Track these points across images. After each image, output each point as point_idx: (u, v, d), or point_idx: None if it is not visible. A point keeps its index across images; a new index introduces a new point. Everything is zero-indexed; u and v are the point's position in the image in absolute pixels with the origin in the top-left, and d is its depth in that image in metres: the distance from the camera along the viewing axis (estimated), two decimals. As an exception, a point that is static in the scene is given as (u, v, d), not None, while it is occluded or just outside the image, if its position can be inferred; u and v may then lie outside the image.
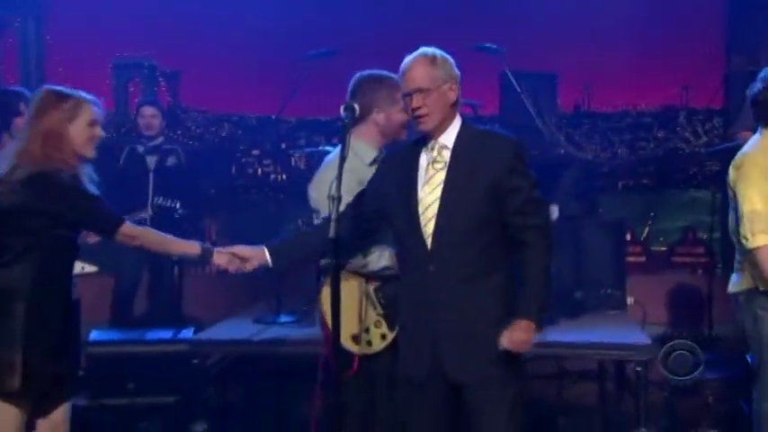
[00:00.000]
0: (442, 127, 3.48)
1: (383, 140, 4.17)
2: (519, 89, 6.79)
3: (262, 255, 3.78)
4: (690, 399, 5.88)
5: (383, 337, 3.97)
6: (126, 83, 8.53)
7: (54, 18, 8.37)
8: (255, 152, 8.74)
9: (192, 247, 4.04)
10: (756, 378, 4.44)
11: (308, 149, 7.73)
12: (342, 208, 3.47)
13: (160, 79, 8.81)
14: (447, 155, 3.47)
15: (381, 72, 4.14)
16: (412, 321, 3.55)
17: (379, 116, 4.10)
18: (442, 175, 3.45)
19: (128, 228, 3.86)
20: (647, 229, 7.57)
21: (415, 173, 3.50)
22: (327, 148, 6.48)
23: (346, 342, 3.88)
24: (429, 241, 3.42)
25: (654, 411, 5.86)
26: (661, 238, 7.72)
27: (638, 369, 5.56)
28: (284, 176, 8.27)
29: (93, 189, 3.79)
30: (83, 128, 3.72)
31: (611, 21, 8.12)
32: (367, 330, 3.94)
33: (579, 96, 8.92)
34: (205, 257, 4.08)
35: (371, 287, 3.93)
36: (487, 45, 6.70)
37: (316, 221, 4.05)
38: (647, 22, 8.25)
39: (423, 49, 3.49)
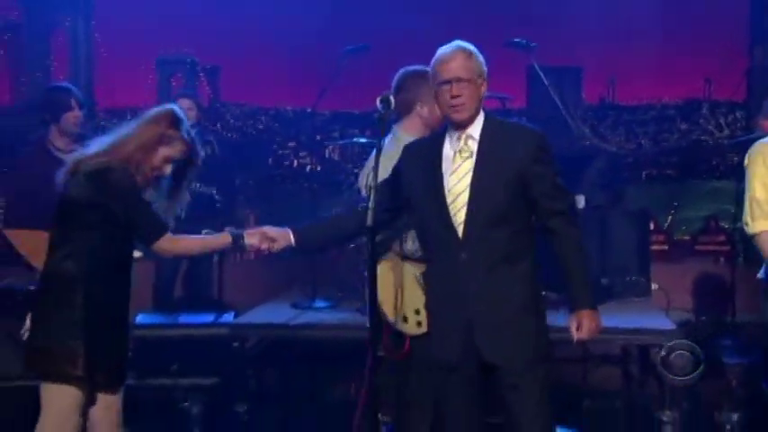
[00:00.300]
0: (471, 118, 3.46)
1: (427, 132, 4.14)
2: (546, 83, 6.73)
3: (287, 236, 3.77)
4: (712, 383, 5.82)
5: (419, 324, 3.95)
6: (169, 78, 8.56)
7: (102, 17, 8.45)
8: (291, 144, 8.76)
9: (224, 240, 4.04)
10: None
11: (341, 141, 7.73)
12: None
13: (201, 74, 8.83)
14: (473, 145, 3.46)
15: (425, 68, 4.05)
16: (443, 307, 3.53)
17: (422, 110, 4.14)
18: (469, 165, 3.44)
19: (169, 237, 3.91)
20: (670, 218, 7.50)
21: (440, 162, 3.48)
22: (361, 140, 6.46)
23: (401, 324, 3.92)
24: (460, 229, 3.41)
25: (677, 395, 5.83)
26: (684, 227, 7.64)
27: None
28: (319, 167, 8.24)
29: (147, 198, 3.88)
30: (165, 156, 3.80)
31: (634, 16, 8.11)
32: (417, 312, 3.90)
33: (604, 90, 8.89)
34: (238, 243, 4.04)
35: (418, 271, 3.88)
36: (517, 41, 6.63)
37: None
38: (671, 17, 8.24)
39: (459, 42, 3.49)
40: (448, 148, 3.50)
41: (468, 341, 3.43)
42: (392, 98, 3.64)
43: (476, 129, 3.48)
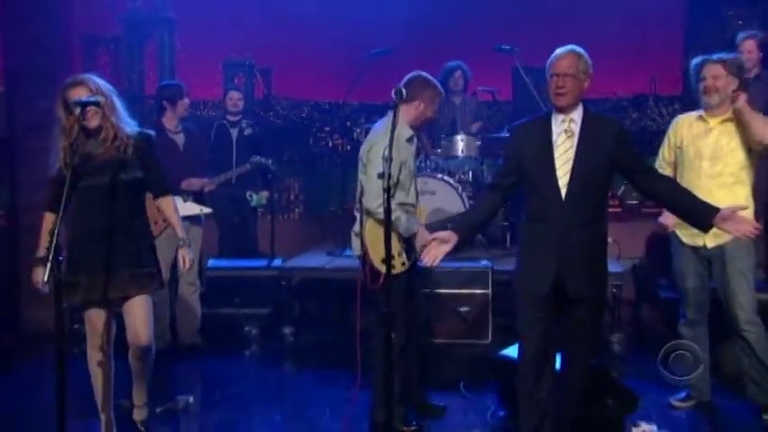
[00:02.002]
0: (571, 106, 3.44)
1: (415, 124, 4.25)
2: (527, 80, 6.69)
3: (452, 237, 3.55)
4: (651, 311, 5.86)
5: (403, 264, 4.15)
6: (232, 77, 8.50)
7: (181, 31, 8.44)
8: (327, 129, 8.71)
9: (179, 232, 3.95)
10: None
11: (366, 126, 7.71)
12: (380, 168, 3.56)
13: (257, 74, 8.79)
14: (575, 128, 3.42)
15: (431, 78, 4.28)
16: (542, 250, 3.47)
17: (420, 106, 4.20)
18: (572, 142, 3.41)
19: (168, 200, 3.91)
20: (623, 187, 7.41)
21: (550, 139, 3.44)
22: (375, 124, 6.48)
23: (379, 264, 4.01)
24: (564, 191, 3.38)
25: (625, 322, 5.87)
26: (634, 194, 7.56)
27: (614, 290, 5.54)
28: (349, 147, 8.24)
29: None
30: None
31: (595, 23, 7.95)
32: (394, 257, 3.93)
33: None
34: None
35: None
36: (504, 46, 6.61)
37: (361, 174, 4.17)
38: (624, 25, 8.09)
39: (573, 46, 3.49)
40: (554, 129, 3.45)
41: (559, 276, 3.42)
42: (404, 90, 3.67)
43: (578, 114, 3.45)
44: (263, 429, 4.41)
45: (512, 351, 4.44)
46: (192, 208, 5.59)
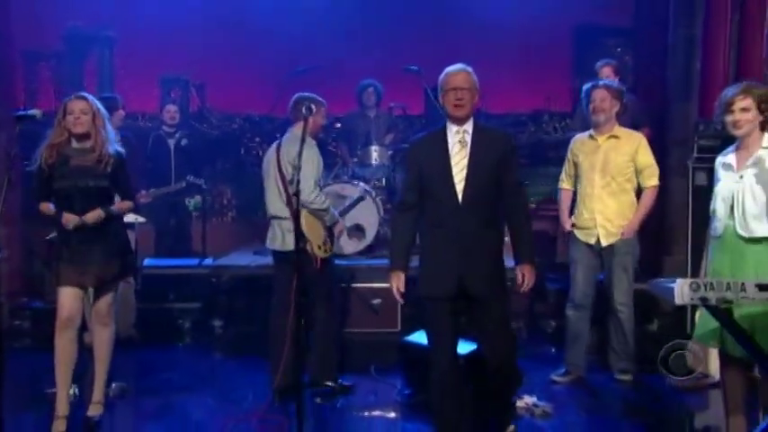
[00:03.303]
0: (467, 117, 3.50)
1: (314, 134, 4.62)
2: (434, 98, 6.90)
3: (402, 276, 3.57)
4: (541, 300, 6.11)
5: (330, 249, 4.64)
6: (169, 92, 8.51)
7: (120, 47, 8.42)
8: (257, 139, 8.78)
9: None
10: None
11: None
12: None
13: (192, 88, 8.82)
14: (468, 138, 3.47)
15: (312, 94, 4.62)
16: (444, 253, 3.46)
17: (310, 119, 4.38)
18: (465, 151, 3.44)
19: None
20: (523, 192, 7.70)
21: (446, 149, 3.46)
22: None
23: (315, 250, 4.52)
24: (460, 196, 3.42)
25: (518, 312, 6.07)
26: (532, 198, 7.86)
27: (509, 284, 5.74)
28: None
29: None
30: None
31: (498, 49, 8.20)
32: (324, 244, 4.56)
33: (480, 102, 8.98)
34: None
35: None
36: (411, 67, 6.77)
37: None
38: (522, 50, 8.37)
39: (463, 65, 3.55)
40: (450, 140, 3.48)
41: (461, 277, 3.42)
42: (313, 106, 3.91)
43: (470, 126, 3.49)
44: (194, 412, 4.48)
45: (416, 337, 4.68)
46: (127, 216, 5.63)
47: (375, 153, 6.67)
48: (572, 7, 7.98)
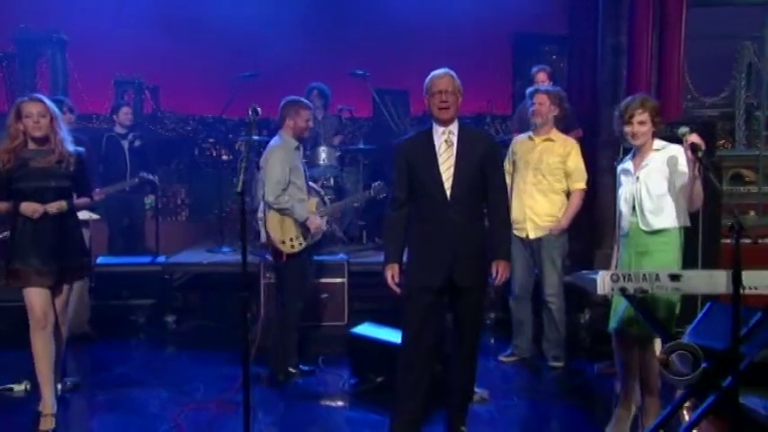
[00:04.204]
0: (452, 119, 3.56)
1: (297, 135, 4.70)
2: (379, 101, 7.01)
3: (396, 267, 3.64)
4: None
5: (300, 244, 4.69)
6: (123, 94, 8.43)
7: (73, 49, 8.30)
8: (211, 140, 8.77)
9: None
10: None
11: (243, 138, 7.82)
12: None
13: (146, 91, 8.76)
14: (454, 138, 3.54)
15: (296, 98, 4.75)
16: (433, 246, 3.53)
17: (290, 122, 4.66)
18: (452, 150, 3.51)
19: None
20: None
21: (434, 148, 3.53)
22: (256, 137, 6.65)
23: (280, 245, 4.64)
24: (448, 192, 3.50)
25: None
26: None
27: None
28: (230, 156, 8.37)
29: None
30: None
31: (441, 55, 8.20)
32: (292, 239, 4.65)
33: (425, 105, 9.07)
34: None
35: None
36: (358, 71, 6.86)
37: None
38: (465, 56, 8.36)
39: (447, 69, 3.60)
40: (437, 140, 3.54)
41: (450, 269, 3.50)
42: (258, 108, 3.92)
43: (456, 127, 3.57)
44: (148, 404, 4.47)
45: (362, 329, 4.77)
46: (81, 213, 5.58)
47: (323, 154, 6.74)
48: (512, 17, 8.13)
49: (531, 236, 4.90)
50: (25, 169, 3.87)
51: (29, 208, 3.84)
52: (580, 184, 4.91)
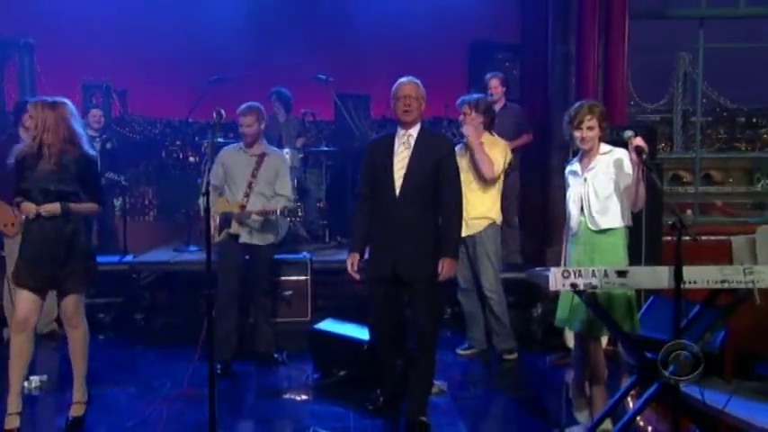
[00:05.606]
0: (414, 122, 3.68)
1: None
2: (341, 105, 6.98)
3: (357, 256, 3.78)
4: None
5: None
6: (91, 97, 8.24)
7: (41, 54, 8.08)
8: (178, 143, 8.67)
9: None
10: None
11: (208, 140, 7.74)
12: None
13: (114, 94, 8.58)
14: (412, 140, 3.66)
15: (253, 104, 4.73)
16: (382, 240, 3.68)
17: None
18: (408, 151, 3.63)
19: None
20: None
21: (392, 149, 3.66)
22: (220, 140, 6.57)
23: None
24: (398, 191, 3.61)
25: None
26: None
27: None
28: (197, 158, 8.25)
29: None
30: None
31: (400, 62, 8.22)
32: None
33: (385, 109, 9.10)
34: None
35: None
36: (320, 76, 6.84)
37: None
38: (424, 62, 8.36)
39: (411, 77, 3.73)
40: (396, 142, 3.67)
41: (395, 263, 3.63)
42: (222, 111, 3.84)
43: (415, 131, 3.69)
44: (117, 400, 4.39)
45: (324, 325, 4.74)
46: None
47: (286, 156, 6.63)
48: (468, 25, 8.21)
49: (464, 234, 4.84)
50: (30, 171, 3.77)
51: (26, 208, 3.74)
52: (490, 172, 4.83)
